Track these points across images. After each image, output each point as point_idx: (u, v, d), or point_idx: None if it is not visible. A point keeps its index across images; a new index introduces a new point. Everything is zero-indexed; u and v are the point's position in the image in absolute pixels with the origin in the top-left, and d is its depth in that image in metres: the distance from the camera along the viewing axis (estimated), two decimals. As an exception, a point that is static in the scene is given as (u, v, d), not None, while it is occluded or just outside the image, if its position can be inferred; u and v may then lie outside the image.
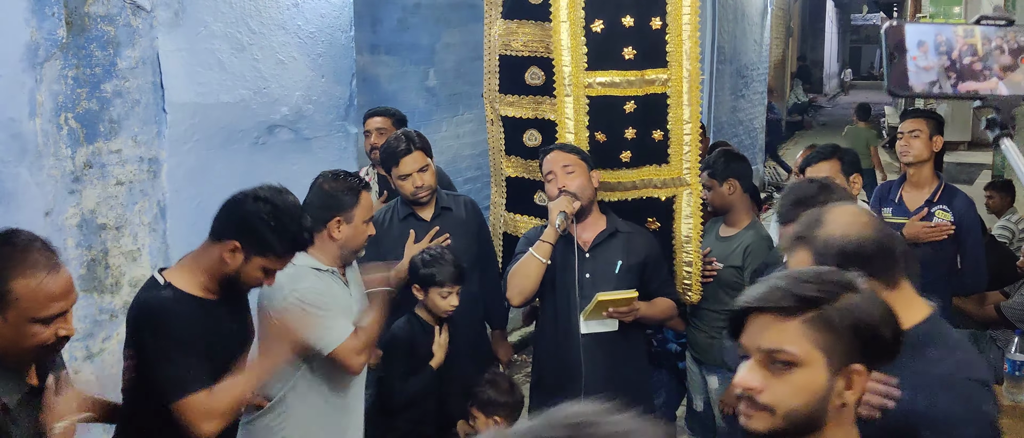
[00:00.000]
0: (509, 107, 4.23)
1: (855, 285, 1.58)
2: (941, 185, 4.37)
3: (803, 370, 1.52)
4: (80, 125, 3.29)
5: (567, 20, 3.82)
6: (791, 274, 1.61)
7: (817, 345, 1.52)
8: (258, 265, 2.60)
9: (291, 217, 2.61)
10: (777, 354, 1.53)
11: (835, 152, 4.08)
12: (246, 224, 2.58)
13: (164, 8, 3.56)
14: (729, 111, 12.44)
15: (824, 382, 1.52)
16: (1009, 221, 6.64)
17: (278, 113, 4.13)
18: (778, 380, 1.53)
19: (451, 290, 3.50)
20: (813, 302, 1.53)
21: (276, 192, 2.65)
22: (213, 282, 2.64)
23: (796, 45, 25.23)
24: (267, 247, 2.58)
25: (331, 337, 3.00)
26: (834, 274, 1.61)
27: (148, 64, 3.52)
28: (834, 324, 1.52)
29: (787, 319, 1.53)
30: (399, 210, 3.93)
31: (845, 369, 1.53)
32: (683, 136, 3.86)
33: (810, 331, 1.52)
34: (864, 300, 1.56)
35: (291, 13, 4.17)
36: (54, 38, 3.18)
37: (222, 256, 2.59)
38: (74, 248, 3.29)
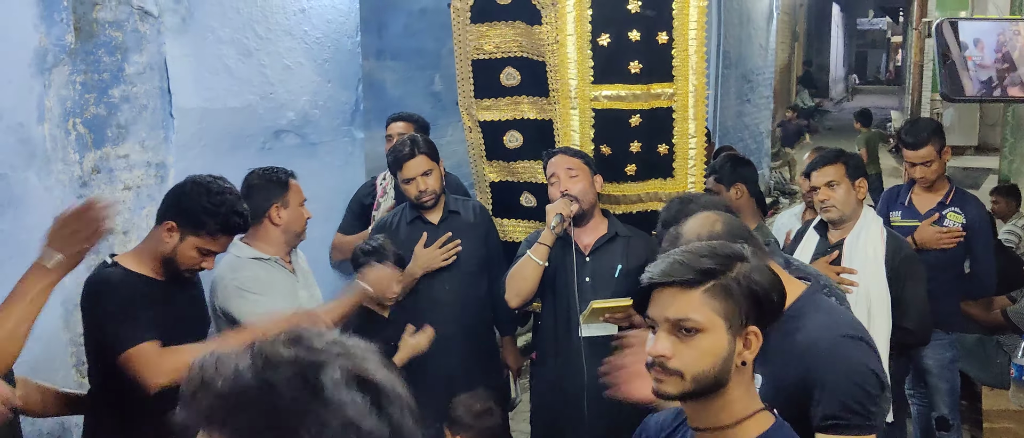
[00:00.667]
0: (486, 111, 4.24)
1: (745, 255, 1.73)
2: (952, 189, 4.36)
3: (707, 335, 1.66)
4: (88, 130, 3.30)
5: (574, 33, 3.82)
6: (688, 249, 1.75)
7: (717, 312, 1.66)
8: (192, 244, 2.76)
9: (224, 200, 2.77)
10: (683, 323, 1.67)
11: (839, 156, 4.08)
12: (182, 205, 2.77)
13: (171, 14, 3.57)
14: (734, 116, 12.43)
15: (726, 344, 1.66)
16: (1016, 225, 6.62)
17: (285, 118, 4.15)
18: (685, 346, 1.66)
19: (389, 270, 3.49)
20: (712, 273, 1.68)
21: (214, 179, 2.83)
22: (156, 263, 2.80)
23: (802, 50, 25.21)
24: (199, 225, 2.74)
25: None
26: (726, 247, 1.76)
27: (156, 69, 3.54)
28: (732, 292, 1.67)
29: (689, 290, 1.67)
30: (407, 214, 3.94)
31: (743, 331, 1.68)
32: (688, 150, 3.86)
33: (711, 300, 1.66)
34: (755, 268, 1.71)
35: (298, 19, 4.19)
36: (62, 44, 3.19)
37: (161, 236, 2.76)
38: (82, 253, 3.30)
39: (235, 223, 2.82)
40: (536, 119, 4.16)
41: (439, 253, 3.83)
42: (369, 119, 5.07)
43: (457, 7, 4.16)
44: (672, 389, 1.69)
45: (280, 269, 3.31)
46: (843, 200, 3.74)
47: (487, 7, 4.07)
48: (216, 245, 2.81)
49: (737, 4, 12.20)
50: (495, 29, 4.09)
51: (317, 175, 4.38)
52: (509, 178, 4.34)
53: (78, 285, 3.08)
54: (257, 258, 3.26)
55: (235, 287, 3.14)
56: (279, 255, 3.31)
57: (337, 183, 4.55)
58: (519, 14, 4.00)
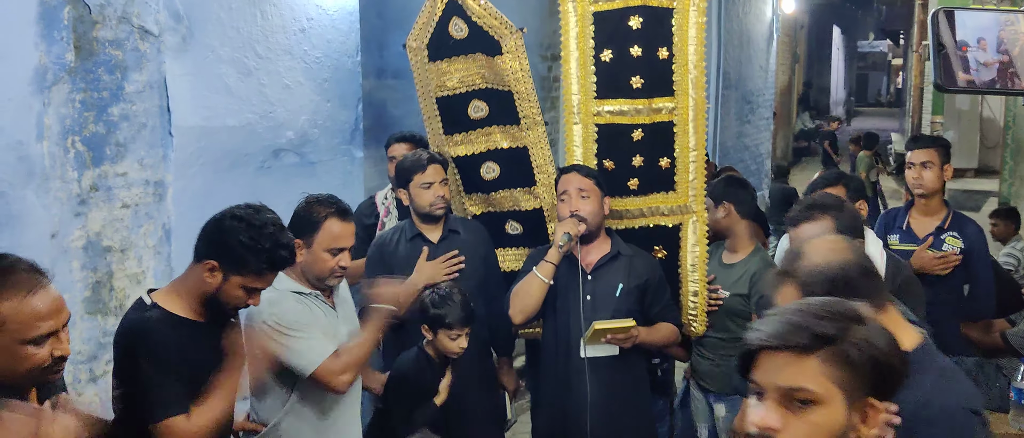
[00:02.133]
0: (458, 146, 4.26)
1: (863, 317, 1.55)
2: (950, 213, 4.35)
3: (822, 408, 1.48)
4: (87, 148, 3.31)
5: (577, 50, 3.86)
6: (802, 309, 1.56)
7: (835, 382, 1.48)
8: (237, 284, 2.59)
9: (267, 235, 2.58)
10: (796, 393, 1.49)
11: (841, 179, 4.08)
12: (222, 243, 2.58)
13: (172, 33, 3.59)
14: (735, 137, 12.45)
15: (842, 419, 1.49)
16: (1015, 248, 6.62)
17: (284, 137, 4.15)
18: (797, 419, 1.48)
19: (460, 333, 3.48)
20: (830, 339, 1.49)
21: (253, 210, 2.63)
22: (197, 303, 2.63)
23: (802, 71, 25.27)
24: (243, 265, 2.57)
25: (309, 358, 3.00)
26: (843, 306, 1.57)
27: (155, 88, 3.55)
28: (852, 360, 1.49)
29: (805, 357, 1.49)
30: (407, 230, 3.94)
31: (860, 403, 1.50)
32: (689, 164, 3.88)
33: (828, 368, 1.48)
34: (874, 332, 1.53)
35: (298, 38, 4.20)
36: (62, 62, 3.20)
37: (202, 276, 2.59)
38: (79, 270, 3.30)
39: (281, 258, 2.63)
40: (510, 148, 4.18)
41: (443, 267, 3.82)
42: (369, 138, 5.07)
43: (413, 46, 4.19)
44: None
45: (320, 304, 3.18)
46: (844, 222, 3.74)
47: (444, 43, 4.11)
48: (262, 283, 2.64)
49: (737, 25, 12.24)
50: (455, 64, 4.13)
51: (316, 194, 4.38)
52: (490, 209, 4.35)
53: (73, 302, 3.08)
54: (297, 292, 3.11)
55: (274, 322, 2.99)
56: (316, 290, 3.15)
57: (336, 202, 4.55)
58: (478, 47, 4.04)
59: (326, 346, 3.03)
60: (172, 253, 3.65)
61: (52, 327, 2.14)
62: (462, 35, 4.07)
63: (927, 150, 4.32)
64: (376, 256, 3.95)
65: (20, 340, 2.10)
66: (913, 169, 4.33)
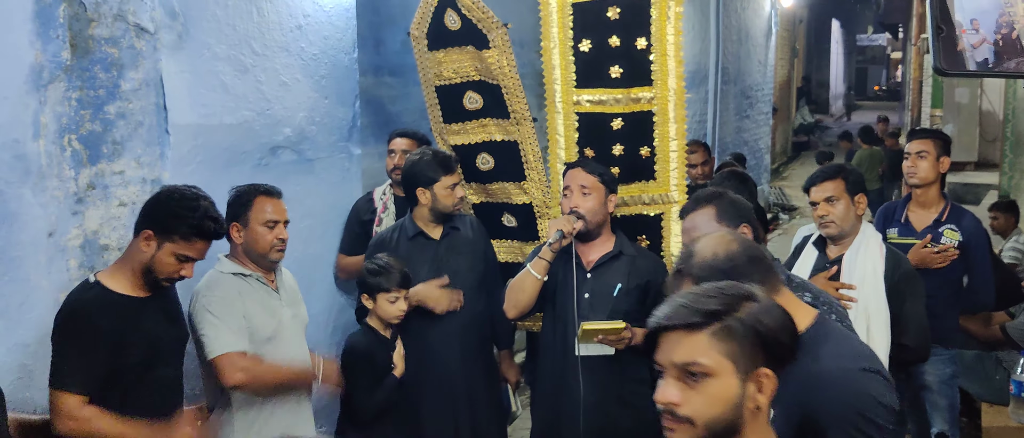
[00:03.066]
0: (456, 136, 4.32)
1: (753, 295, 1.69)
2: (948, 205, 4.35)
3: (716, 380, 1.60)
4: (83, 146, 3.30)
5: (557, 40, 3.90)
6: (694, 291, 1.71)
7: (725, 354, 1.60)
8: (169, 252, 2.83)
9: (195, 204, 2.83)
10: (690, 367, 1.61)
11: (839, 172, 4.07)
12: (155, 212, 2.84)
13: (168, 30, 3.57)
14: (734, 131, 12.43)
15: (736, 388, 1.60)
16: (1018, 241, 6.62)
17: (281, 134, 4.14)
18: (694, 392, 1.61)
19: (398, 295, 3.58)
20: (716, 315, 1.63)
21: (188, 187, 2.92)
22: (138, 277, 2.85)
23: (801, 66, 25.25)
24: (172, 230, 2.81)
25: (215, 344, 3.14)
26: (733, 287, 1.71)
27: (151, 86, 3.53)
28: (738, 333, 1.62)
29: (695, 333, 1.62)
30: (408, 228, 3.95)
31: (753, 374, 1.62)
32: (669, 153, 3.91)
33: (717, 342, 1.61)
34: (762, 308, 1.66)
35: (294, 35, 4.19)
36: (58, 60, 3.19)
37: (139, 246, 2.83)
38: (77, 269, 3.29)
39: (208, 228, 2.86)
40: (502, 141, 4.23)
41: (442, 300, 3.85)
42: (366, 135, 5.06)
43: (415, 35, 4.27)
44: (684, 437, 1.63)
45: (261, 287, 3.33)
46: (842, 216, 3.74)
47: (441, 34, 4.18)
48: (193, 251, 2.87)
49: (736, 21, 12.23)
50: (450, 55, 4.20)
51: (314, 191, 4.38)
52: (487, 199, 4.39)
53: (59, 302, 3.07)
54: (237, 273, 3.28)
55: (203, 305, 3.19)
56: (257, 272, 3.33)
57: (334, 199, 4.55)
58: (469, 39, 4.10)
59: (237, 340, 3.18)
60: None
61: None
62: (456, 27, 4.10)
63: (923, 140, 4.34)
64: (376, 254, 3.95)
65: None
66: (909, 159, 4.35)
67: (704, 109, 10.93)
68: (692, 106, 10.45)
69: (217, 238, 2.99)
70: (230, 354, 3.15)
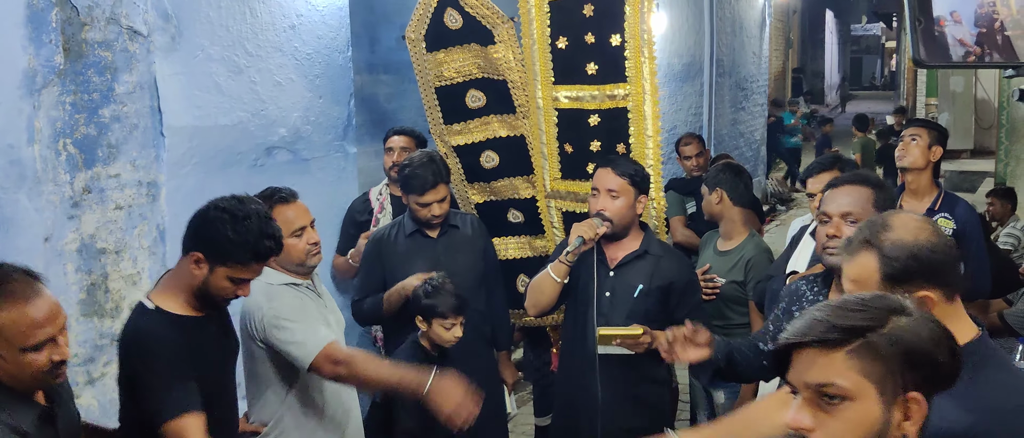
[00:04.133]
0: (458, 136, 4.33)
1: (904, 308, 1.49)
2: (941, 193, 4.36)
3: (855, 404, 1.43)
4: (78, 150, 3.30)
5: (535, 37, 3.94)
6: (833, 304, 1.52)
7: (866, 376, 1.43)
8: (223, 275, 2.60)
9: (251, 225, 2.58)
10: (825, 389, 1.44)
11: (836, 163, 4.08)
12: (206, 234, 2.58)
13: (161, 33, 3.57)
14: (729, 123, 12.44)
15: (878, 415, 1.43)
16: (1015, 228, 6.63)
17: (276, 135, 4.14)
18: (830, 417, 1.44)
19: (454, 321, 3.48)
20: (858, 331, 1.44)
21: (238, 201, 2.63)
22: (190, 297, 2.64)
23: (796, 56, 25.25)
24: (227, 255, 2.57)
25: (310, 346, 2.97)
26: (879, 299, 1.51)
27: (146, 89, 3.53)
28: (882, 352, 1.43)
29: (832, 351, 1.44)
30: (406, 226, 3.94)
31: (901, 398, 1.44)
32: (645, 150, 3.92)
33: (857, 362, 1.43)
34: (914, 323, 1.46)
35: (288, 35, 4.19)
36: (51, 65, 3.19)
37: (189, 269, 2.60)
38: (74, 273, 3.29)
39: (266, 248, 2.61)
40: (508, 136, 4.23)
41: None
42: (362, 134, 5.07)
43: (411, 38, 4.28)
44: None
45: (312, 295, 3.20)
46: (840, 205, 3.73)
47: (441, 34, 4.19)
48: (249, 273, 2.64)
49: (730, 12, 12.23)
50: (452, 55, 4.21)
51: (310, 191, 4.35)
52: (492, 198, 4.39)
53: (67, 304, 3.07)
54: (289, 284, 3.12)
55: (272, 318, 3.00)
56: (305, 280, 3.18)
57: (330, 198, 4.55)
58: (472, 37, 4.11)
59: (326, 334, 3.03)
60: (167, 253, 3.64)
61: (49, 334, 2.16)
62: (457, 25, 4.12)
63: (916, 127, 4.37)
64: (373, 251, 3.95)
65: (19, 348, 2.13)
66: (901, 144, 4.36)
67: (699, 101, 10.92)
68: (687, 99, 10.45)
69: (276, 255, 2.72)
70: (330, 346, 2.97)
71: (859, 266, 1.93)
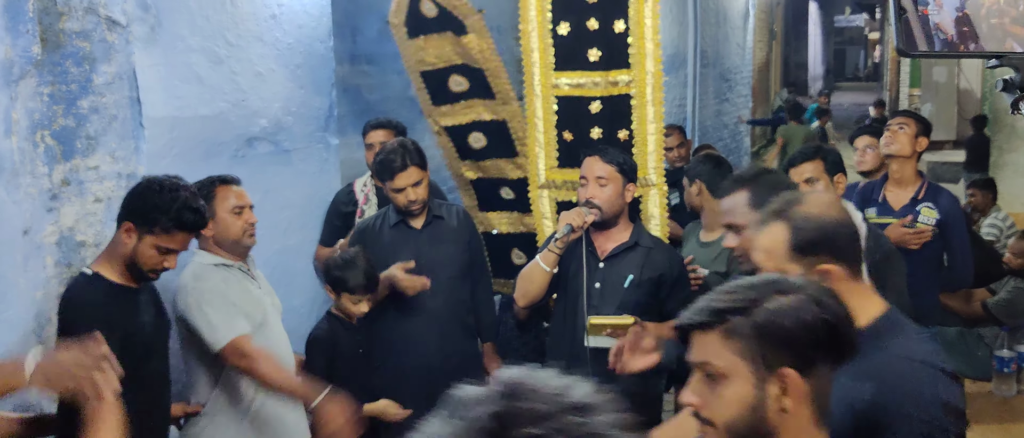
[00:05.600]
0: (446, 117, 4.37)
1: (784, 288, 1.56)
2: (924, 183, 4.38)
3: (730, 381, 1.52)
4: (57, 142, 3.26)
5: (535, 23, 3.92)
6: (719, 288, 1.62)
7: (738, 354, 1.51)
8: (150, 244, 2.79)
9: (176, 195, 2.79)
10: (705, 367, 1.55)
11: (818, 152, 4.08)
12: (136, 203, 2.83)
13: (140, 23, 3.53)
14: (713, 115, 12.46)
15: (751, 391, 1.51)
16: (997, 218, 6.67)
17: (257, 125, 4.11)
18: (712, 394, 1.54)
19: (361, 298, 3.55)
20: (724, 313, 1.53)
21: (169, 177, 2.87)
22: (123, 268, 2.83)
23: (780, 48, 25.31)
24: (153, 222, 2.78)
25: (222, 332, 3.10)
26: (760, 281, 1.60)
27: (125, 79, 3.49)
28: (748, 332, 1.51)
29: (707, 332, 1.55)
30: (390, 217, 3.93)
31: (775, 374, 1.51)
32: (648, 137, 3.91)
33: (728, 342, 1.52)
34: (789, 304, 1.53)
35: (269, 25, 4.15)
36: (28, 55, 3.14)
37: (121, 238, 2.80)
38: (53, 266, 3.25)
39: (189, 219, 2.83)
40: (492, 120, 4.25)
41: (413, 285, 3.78)
42: (344, 125, 5.03)
43: (394, 23, 4.31)
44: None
45: (243, 276, 3.31)
46: (822, 196, 3.75)
47: (419, 21, 4.22)
48: (174, 243, 2.83)
49: (713, 3, 12.23)
50: (431, 41, 4.24)
51: (292, 182, 4.35)
52: (483, 175, 4.42)
53: (48, 297, 3.04)
54: (219, 264, 3.25)
55: (196, 299, 3.15)
56: (238, 261, 3.30)
57: (312, 190, 4.52)
58: (448, 26, 4.14)
59: (240, 325, 3.14)
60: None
61: None
62: (433, 14, 4.13)
63: (903, 117, 4.40)
64: (358, 242, 3.94)
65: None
66: (888, 132, 4.38)
67: (683, 93, 10.93)
68: (671, 90, 10.45)
69: (199, 229, 2.96)
70: (240, 338, 3.12)
71: (770, 236, 2.03)
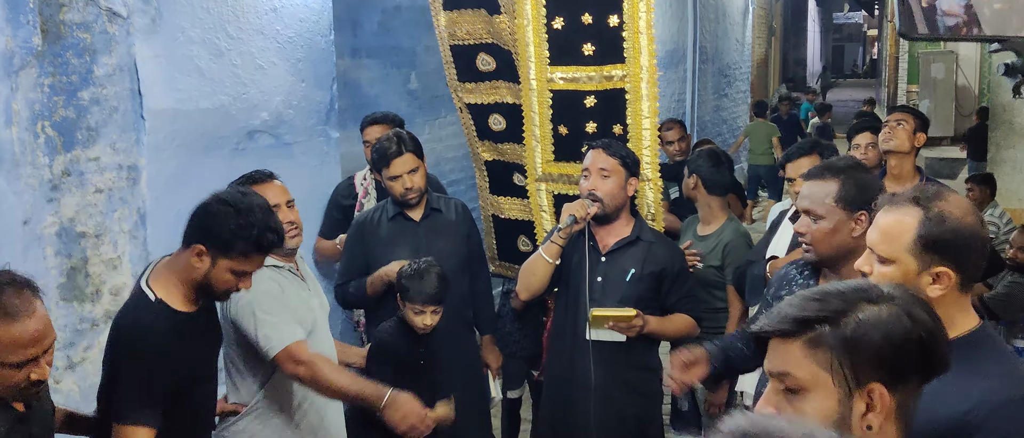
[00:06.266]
0: (470, 94, 4.36)
1: (874, 297, 1.46)
2: (923, 179, 4.39)
3: (811, 395, 1.43)
4: (57, 133, 3.26)
5: (530, 17, 3.92)
6: (803, 294, 1.52)
7: (822, 366, 1.42)
8: (225, 268, 2.58)
9: (254, 217, 2.57)
10: (784, 379, 1.46)
11: (815, 147, 4.09)
12: (209, 226, 2.57)
13: (141, 15, 3.54)
14: (712, 110, 12.47)
15: (834, 406, 1.42)
16: (993, 214, 6.67)
17: (258, 118, 4.12)
18: (791, 407, 1.45)
19: (424, 309, 3.45)
20: (810, 322, 1.44)
21: (240, 194, 2.64)
22: (190, 290, 2.63)
23: (779, 44, 25.31)
24: (229, 247, 2.56)
25: (276, 339, 2.98)
26: (847, 288, 1.50)
27: (125, 71, 3.50)
28: (833, 343, 1.42)
29: (789, 341, 1.45)
30: (388, 210, 3.93)
31: (862, 390, 1.42)
32: (642, 131, 3.92)
33: (812, 352, 1.43)
34: (881, 313, 1.44)
35: (270, 18, 4.16)
36: (29, 46, 3.15)
37: (191, 261, 2.58)
38: (53, 257, 3.26)
39: (269, 241, 2.61)
40: (514, 104, 4.24)
41: None
42: (345, 118, 5.04)
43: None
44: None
45: (292, 278, 3.18)
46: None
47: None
48: (251, 265, 2.63)
49: None
50: (464, 16, 4.22)
51: (292, 175, 4.33)
52: (499, 158, 4.43)
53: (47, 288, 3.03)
54: (272, 266, 3.07)
55: (247, 303, 2.98)
56: (288, 262, 3.17)
57: (313, 183, 4.52)
58: (481, 3, 4.10)
59: (296, 331, 3.02)
60: (148, 237, 3.61)
61: (32, 354, 2.09)
62: None
63: (901, 112, 4.41)
64: (357, 235, 3.94)
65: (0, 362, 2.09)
66: (887, 128, 4.40)
67: (682, 88, 10.94)
68: (670, 85, 10.46)
69: (279, 247, 2.75)
70: (295, 345, 2.97)
71: (897, 218, 1.94)
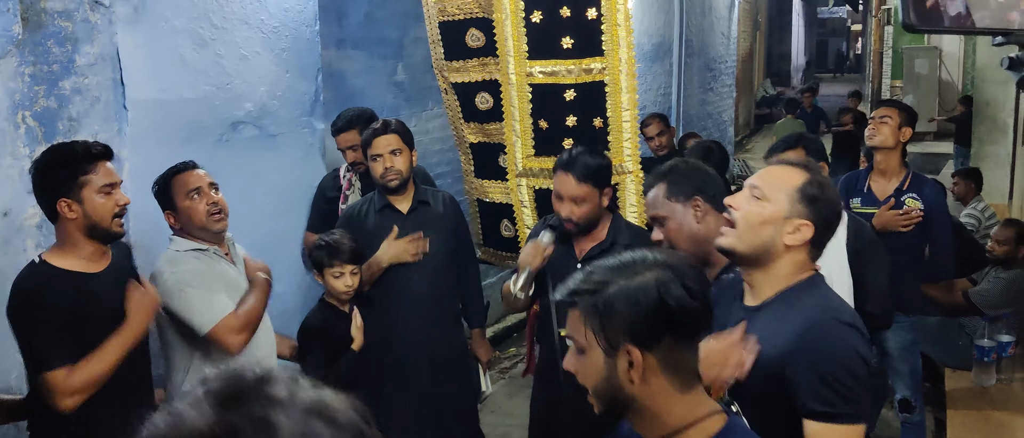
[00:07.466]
0: (456, 73, 4.35)
1: (639, 269, 1.71)
2: (909, 174, 4.39)
3: (588, 354, 1.70)
4: (38, 123, 3.22)
5: (509, 11, 3.93)
6: (588, 268, 1.77)
7: (592, 329, 1.68)
8: (88, 196, 2.68)
9: (69, 145, 2.74)
10: (573, 340, 1.73)
11: (800, 141, 4.08)
12: (47, 184, 2.68)
13: (123, 3, 3.49)
14: (698, 104, 12.48)
15: (602, 364, 1.68)
16: (975, 209, 6.71)
17: (242, 109, 4.08)
18: (580, 364, 1.72)
19: (342, 270, 3.48)
20: (577, 294, 1.70)
21: (48, 149, 2.80)
22: (87, 245, 2.73)
23: (763, 38, 25.37)
24: (73, 179, 2.67)
25: (209, 315, 3.00)
26: (620, 262, 1.75)
27: (108, 61, 3.46)
28: (595, 312, 1.67)
29: (572, 310, 1.72)
30: (376, 201, 3.90)
31: (621, 350, 1.66)
32: (623, 123, 3.92)
33: (584, 318, 1.69)
34: (631, 285, 1.67)
35: (254, 8, 4.12)
36: (9, 35, 3.11)
37: (65, 216, 2.69)
38: (34, 249, 3.22)
39: (92, 148, 2.73)
40: None
41: (409, 247, 3.77)
42: (329, 110, 5.00)
43: None
44: (593, 403, 1.75)
45: (220, 259, 3.18)
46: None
47: None
48: (105, 176, 2.72)
49: (699, -7, 12.25)
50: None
51: (276, 167, 4.32)
52: (485, 139, 4.43)
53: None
54: (194, 249, 3.11)
55: (174, 282, 3.02)
56: (214, 244, 3.16)
57: (297, 175, 4.49)
58: None
59: (226, 303, 3.05)
60: (130, 229, 3.56)
61: None
62: None
63: (887, 108, 4.42)
64: (345, 227, 3.91)
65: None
66: (872, 124, 4.40)
67: (668, 82, 10.94)
68: (656, 79, 10.45)
69: (107, 157, 2.76)
70: (224, 320, 3.00)
71: (787, 170, 2.22)
